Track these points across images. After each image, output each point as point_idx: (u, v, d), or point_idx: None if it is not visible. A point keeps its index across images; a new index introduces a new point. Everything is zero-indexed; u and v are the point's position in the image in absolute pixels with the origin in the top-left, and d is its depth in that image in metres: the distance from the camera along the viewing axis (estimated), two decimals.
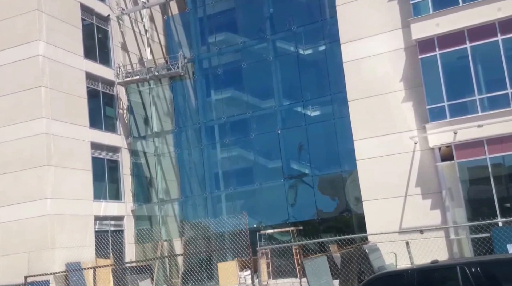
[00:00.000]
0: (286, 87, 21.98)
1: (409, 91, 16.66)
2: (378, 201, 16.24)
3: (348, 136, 18.11)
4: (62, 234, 19.45)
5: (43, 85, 20.10)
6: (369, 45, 17.09)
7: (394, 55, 16.87)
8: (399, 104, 16.60)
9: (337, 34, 19.32)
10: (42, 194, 19.25)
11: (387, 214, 15.96)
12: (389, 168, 16.30)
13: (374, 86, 16.90)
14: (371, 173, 16.53)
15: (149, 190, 25.01)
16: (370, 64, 17.05)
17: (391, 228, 14.53)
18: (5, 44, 20.62)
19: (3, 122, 20.23)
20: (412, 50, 16.80)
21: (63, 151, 20.40)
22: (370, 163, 16.59)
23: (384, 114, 16.70)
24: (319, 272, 11.63)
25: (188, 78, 24.40)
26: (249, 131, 22.49)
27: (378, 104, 16.79)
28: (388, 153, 16.47)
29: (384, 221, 15.62)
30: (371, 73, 17.02)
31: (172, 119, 25.38)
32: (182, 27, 25.73)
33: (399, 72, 16.68)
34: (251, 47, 22.92)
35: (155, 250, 24.06)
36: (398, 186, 16.19)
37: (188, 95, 24.97)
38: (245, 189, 22.37)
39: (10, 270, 18.79)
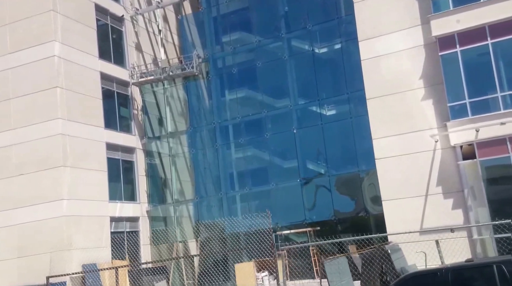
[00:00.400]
0: (302, 86, 21.73)
1: (429, 89, 16.33)
2: (398, 201, 15.94)
3: (365, 135, 17.83)
4: (78, 235, 19.43)
5: (58, 86, 20.13)
6: (388, 42, 16.81)
7: (414, 52, 16.57)
8: (419, 102, 16.28)
9: (353, 32, 19.03)
10: (58, 195, 19.26)
11: (408, 214, 15.67)
12: (410, 166, 16.01)
13: (393, 84, 16.60)
14: (391, 172, 16.23)
15: (164, 191, 24.95)
16: (389, 62, 16.76)
17: (411, 228, 14.23)
18: (20, 45, 20.70)
19: (19, 123, 20.30)
20: (432, 47, 16.48)
21: (79, 152, 20.41)
22: (390, 161, 16.29)
23: (404, 112, 16.41)
24: (339, 272, 11.40)
25: (202, 78, 24.29)
26: (264, 131, 22.29)
27: (398, 102, 16.49)
28: (408, 152, 16.16)
29: (404, 220, 15.32)
30: (390, 71, 16.73)
31: (186, 120, 25.30)
32: (196, 27, 25.64)
33: (418, 70, 16.37)
34: (265, 46, 22.73)
35: (170, 251, 23.99)
36: (418, 185, 15.88)
37: (202, 95, 24.87)
38: (261, 189, 22.18)
39: (27, 271, 18.84)
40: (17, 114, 20.37)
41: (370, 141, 17.33)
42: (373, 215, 18.79)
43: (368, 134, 17.40)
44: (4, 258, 19.38)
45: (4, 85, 20.74)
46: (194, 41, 25.47)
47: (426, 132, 16.08)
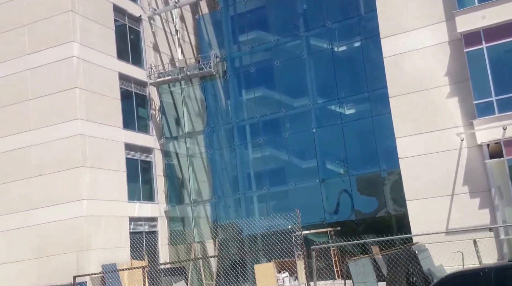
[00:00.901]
0: (321, 85, 21.45)
1: (455, 86, 15.92)
2: (423, 201, 15.57)
3: (387, 134, 17.48)
4: (98, 235, 19.45)
5: (77, 86, 20.19)
6: (411, 39, 16.44)
7: (438, 49, 16.18)
8: (444, 100, 15.88)
9: (374, 29, 18.68)
10: (77, 195, 19.31)
11: (433, 214, 15.29)
12: (435, 166, 15.63)
13: (417, 81, 16.23)
14: (415, 172, 15.86)
15: (181, 191, 24.89)
16: (413, 59, 16.39)
17: (437, 228, 13.89)
18: (39, 46, 20.82)
19: (38, 124, 20.42)
20: (456, 43, 16.08)
21: (98, 152, 20.44)
22: (414, 161, 15.92)
23: (428, 110, 16.02)
24: (363, 273, 11.14)
25: (218, 78, 24.17)
26: (282, 131, 22.06)
27: (422, 100, 16.12)
28: (433, 151, 15.77)
29: (429, 221, 14.95)
30: (413, 68, 16.35)
31: (203, 120, 25.22)
32: (213, 26, 25.54)
33: (443, 67, 15.97)
34: (283, 45, 22.49)
35: (188, 251, 23.92)
36: (444, 184, 15.49)
37: (219, 95, 24.75)
38: (279, 189, 21.95)
39: (46, 271, 18.92)
40: (36, 115, 20.49)
41: (392, 141, 16.97)
42: (395, 215, 18.41)
43: (389, 133, 17.05)
44: (24, 258, 19.50)
45: (23, 86, 20.88)
46: (211, 40, 25.38)
47: (452, 131, 15.68)
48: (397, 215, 18.15)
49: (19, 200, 19.99)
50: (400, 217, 17.58)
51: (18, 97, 20.83)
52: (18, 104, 20.78)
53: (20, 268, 19.31)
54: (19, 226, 19.73)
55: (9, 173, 20.38)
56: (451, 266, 11.80)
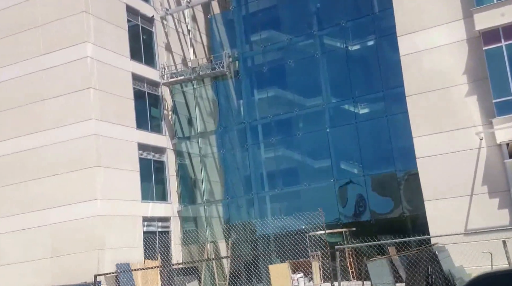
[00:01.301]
0: (334, 84, 21.26)
1: (473, 85, 15.65)
2: (441, 201, 15.32)
3: (402, 133, 17.25)
4: (112, 235, 19.49)
5: (91, 87, 20.25)
6: (429, 37, 16.19)
7: (456, 47, 15.92)
8: (463, 99, 15.62)
9: (388, 28, 18.46)
10: (92, 195, 19.36)
11: (451, 214, 15.05)
12: (453, 165, 15.37)
13: (434, 80, 15.99)
14: (434, 172, 15.62)
15: (194, 191, 24.88)
16: (430, 57, 16.14)
17: (455, 229, 13.65)
18: (53, 46, 20.92)
19: (52, 124, 20.52)
20: (475, 41, 15.81)
21: (112, 152, 20.49)
22: (432, 160, 15.67)
23: (447, 109, 15.78)
24: (381, 274, 10.98)
25: (230, 78, 24.09)
26: (296, 131, 21.93)
27: (440, 99, 15.87)
28: (452, 150, 15.52)
29: (447, 221, 14.72)
30: (431, 67, 16.11)
31: (215, 120, 25.18)
32: (225, 26, 25.49)
33: (461, 65, 15.71)
34: (297, 44, 22.34)
35: (201, 251, 23.89)
36: (463, 184, 15.24)
37: (232, 94, 24.68)
38: (292, 189, 21.81)
39: (61, 270, 18.99)
40: (51, 115, 20.59)
41: (407, 140, 16.75)
42: (411, 216, 18.16)
43: (405, 133, 16.83)
44: (39, 257, 19.61)
45: (37, 87, 21.01)
46: (223, 40, 25.33)
47: (471, 130, 15.43)
48: (413, 215, 17.90)
49: (34, 200, 20.10)
50: (416, 217, 17.33)
51: (33, 98, 20.95)
52: (33, 105, 20.91)
53: (35, 267, 19.42)
54: (34, 226, 19.84)
55: (24, 173, 20.52)
56: (471, 267, 11.56)
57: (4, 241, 20.31)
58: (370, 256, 16.82)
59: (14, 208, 20.41)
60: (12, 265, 19.92)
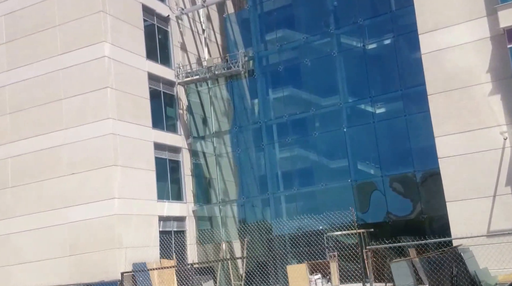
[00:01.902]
0: (351, 83, 21.03)
1: (497, 83, 15.32)
2: (463, 202, 15.01)
3: (421, 133, 17.01)
4: (129, 234, 19.56)
5: (109, 86, 20.34)
6: (451, 35, 15.86)
7: (479, 45, 15.60)
8: (486, 98, 15.32)
9: (406, 26, 18.25)
10: (109, 194, 19.44)
11: (474, 216, 14.74)
12: (476, 166, 15.08)
13: (457, 78, 15.68)
14: (456, 172, 15.32)
15: (209, 191, 24.87)
16: (453, 55, 15.83)
17: (478, 230, 13.41)
18: (71, 46, 21.05)
19: (70, 123, 20.66)
20: (499, 39, 15.47)
21: (128, 151, 20.57)
22: (454, 161, 15.37)
23: (470, 108, 15.49)
24: (404, 275, 10.82)
25: (244, 77, 24.02)
26: (312, 130, 21.73)
27: (462, 98, 15.57)
28: (475, 150, 15.22)
29: (470, 222, 14.41)
30: (453, 65, 15.79)
31: (230, 119, 25.14)
32: (240, 25, 25.44)
33: (484, 63, 15.40)
34: (313, 43, 22.14)
35: (216, 251, 23.87)
36: (486, 185, 14.93)
37: (248, 94, 24.62)
38: (309, 189, 21.65)
39: (78, 269, 19.11)
40: (68, 114, 20.73)
41: (427, 140, 16.50)
42: (430, 217, 17.89)
43: (424, 133, 16.59)
44: (57, 255, 19.75)
45: (55, 86, 21.16)
46: (238, 39, 25.27)
47: (494, 129, 15.11)
48: (431, 216, 17.62)
49: (52, 198, 20.26)
50: (435, 219, 17.07)
51: (51, 97, 21.12)
52: (51, 104, 21.07)
53: (53, 265, 19.57)
54: (52, 224, 19.99)
55: (43, 171, 20.69)
56: (496, 270, 11.31)
57: (23, 240, 20.51)
58: (390, 257, 16.62)
59: (32, 206, 20.60)
60: (30, 264, 20.10)
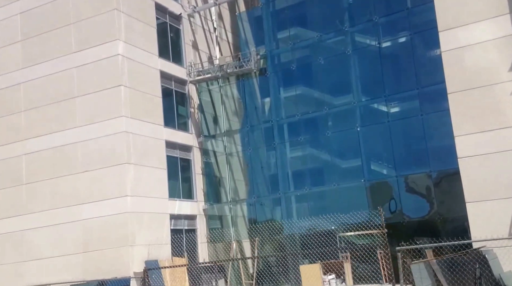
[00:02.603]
0: (366, 82, 20.80)
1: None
2: (484, 203, 14.71)
3: (438, 133, 16.79)
4: (141, 232, 19.56)
5: (122, 84, 20.33)
6: (472, 32, 15.54)
7: (502, 43, 15.26)
8: (508, 97, 14.95)
9: (423, 23, 18.03)
10: (122, 192, 19.45)
11: (496, 217, 14.42)
12: (497, 166, 14.76)
13: (478, 77, 15.38)
14: (476, 172, 15.03)
15: (219, 190, 24.83)
16: (473, 53, 15.53)
17: (499, 232, 13.14)
18: (86, 44, 21.07)
19: (84, 121, 20.68)
20: None
21: (141, 149, 20.57)
22: (475, 161, 15.09)
23: (491, 107, 15.18)
24: (424, 277, 10.69)
25: (254, 76, 23.91)
26: (325, 129, 21.54)
27: (484, 97, 15.27)
28: (496, 150, 14.90)
29: (491, 224, 14.08)
30: (474, 63, 15.49)
31: (241, 118, 25.08)
32: (252, 24, 25.37)
33: (507, 62, 15.05)
34: (327, 41, 21.95)
35: (226, 250, 23.82)
36: (507, 186, 14.60)
37: (259, 93, 24.53)
38: (321, 189, 21.50)
39: (92, 266, 19.13)
40: (82, 112, 20.75)
41: (444, 140, 16.29)
42: (446, 218, 17.67)
43: (441, 132, 16.37)
44: (70, 252, 19.80)
45: (69, 84, 21.20)
46: (250, 38, 25.18)
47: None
48: (447, 217, 17.39)
49: (66, 196, 20.30)
50: (451, 219, 16.84)
51: (65, 95, 21.16)
52: (65, 102, 21.11)
53: (66, 262, 19.61)
54: (66, 221, 20.04)
55: (57, 169, 20.74)
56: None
57: (37, 236, 20.58)
58: (403, 259, 16.42)
59: (46, 203, 20.67)
60: (44, 260, 20.18)
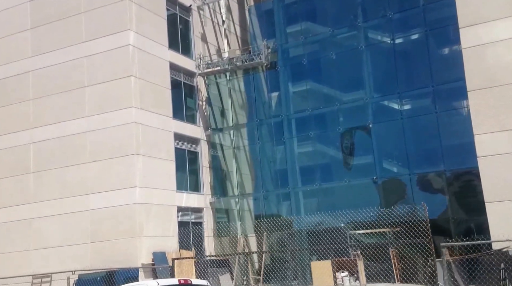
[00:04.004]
0: (379, 78, 20.58)
1: None
2: (504, 203, 14.41)
3: (453, 131, 16.60)
4: (149, 223, 19.46)
5: (133, 75, 20.14)
6: (494, 29, 15.27)
7: None
8: None
9: (438, 20, 17.85)
10: (131, 183, 19.31)
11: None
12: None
13: (500, 75, 15.08)
14: (497, 172, 14.74)
15: (226, 183, 24.70)
16: (495, 51, 15.26)
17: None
18: (96, 34, 20.86)
19: (93, 111, 20.51)
20: None
21: (150, 141, 20.42)
22: (496, 160, 14.81)
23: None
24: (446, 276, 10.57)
25: (262, 71, 23.70)
26: (336, 125, 21.37)
27: (505, 95, 14.90)
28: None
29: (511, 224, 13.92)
30: (496, 61, 15.21)
31: (249, 112, 24.91)
32: (263, 17, 25.15)
33: None
34: (339, 36, 21.74)
35: (232, 244, 23.73)
36: None
37: (267, 87, 24.35)
38: (331, 185, 21.35)
39: (100, 256, 19.01)
40: (92, 102, 20.58)
41: (458, 138, 16.11)
42: (460, 217, 17.50)
43: (457, 130, 16.18)
44: (78, 242, 19.70)
45: (79, 73, 21.01)
46: (260, 31, 24.96)
47: None
48: (462, 217, 17.20)
49: (74, 185, 20.17)
50: (465, 219, 16.65)
51: (75, 84, 20.97)
52: (74, 91, 20.93)
53: (74, 251, 19.51)
54: (74, 210, 19.91)
55: (65, 158, 20.59)
56: None
57: (44, 225, 20.47)
58: (413, 258, 16.31)
59: (54, 192, 20.53)
60: (51, 249, 20.07)
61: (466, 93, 15.60)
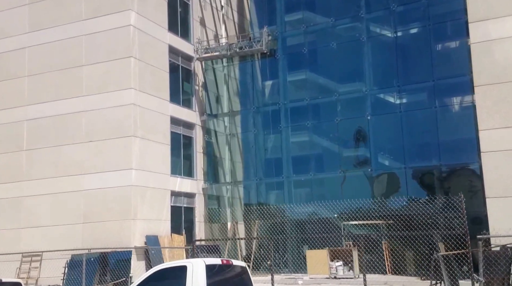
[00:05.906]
0: (379, 71, 20.61)
1: None
2: (505, 199, 14.45)
3: (452, 126, 16.71)
4: (143, 206, 19.36)
5: (132, 56, 19.86)
6: (503, 25, 15.21)
7: None
8: None
9: (442, 15, 17.84)
10: (127, 164, 19.14)
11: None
12: None
13: (507, 71, 15.06)
14: (501, 167, 14.78)
15: (218, 170, 24.65)
16: (504, 47, 15.23)
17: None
18: (97, 12, 20.49)
19: (90, 91, 20.21)
20: None
21: (147, 123, 20.24)
22: (499, 156, 14.84)
23: None
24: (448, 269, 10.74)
25: (257, 58, 23.56)
26: (333, 116, 21.35)
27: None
28: None
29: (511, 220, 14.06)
30: (504, 57, 15.21)
31: (246, 99, 24.83)
32: (263, 4, 24.94)
33: None
34: (341, 27, 21.67)
35: (222, 230, 23.76)
36: None
37: (265, 75, 24.26)
38: (325, 176, 21.43)
39: (91, 237, 18.86)
40: (89, 81, 20.25)
41: (457, 133, 16.22)
42: None
43: (455, 125, 16.27)
44: (69, 222, 19.51)
45: (77, 52, 20.63)
46: (256, 18, 24.80)
47: None
48: None
49: (68, 165, 19.92)
50: None
51: (72, 63, 20.61)
52: (72, 69, 20.56)
53: (65, 231, 19.32)
54: (66, 190, 19.69)
55: (59, 137, 20.29)
56: None
57: (35, 204, 20.21)
58: (403, 251, 16.49)
59: (47, 171, 20.26)
60: (41, 228, 19.85)
61: (467, 88, 15.69)
